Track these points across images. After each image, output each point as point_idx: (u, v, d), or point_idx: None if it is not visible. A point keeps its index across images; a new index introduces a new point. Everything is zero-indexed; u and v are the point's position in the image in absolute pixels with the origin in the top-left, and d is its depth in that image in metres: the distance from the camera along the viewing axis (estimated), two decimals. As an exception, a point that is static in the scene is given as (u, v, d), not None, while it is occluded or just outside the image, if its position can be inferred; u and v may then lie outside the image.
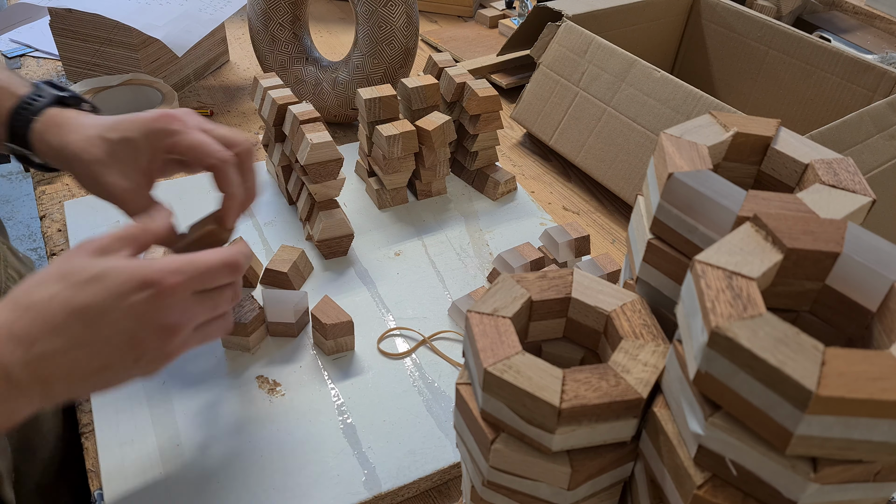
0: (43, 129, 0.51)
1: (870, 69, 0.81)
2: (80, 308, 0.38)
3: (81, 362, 0.38)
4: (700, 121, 0.39)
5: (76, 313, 0.38)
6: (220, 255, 0.43)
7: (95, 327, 0.38)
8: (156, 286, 0.39)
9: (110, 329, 0.39)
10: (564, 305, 0.37)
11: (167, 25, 0.85)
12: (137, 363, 0.40)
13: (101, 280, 0.39)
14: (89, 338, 0.38)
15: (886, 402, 0.24)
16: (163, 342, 0.41)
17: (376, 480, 0.50)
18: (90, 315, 0.38)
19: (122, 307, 0.39)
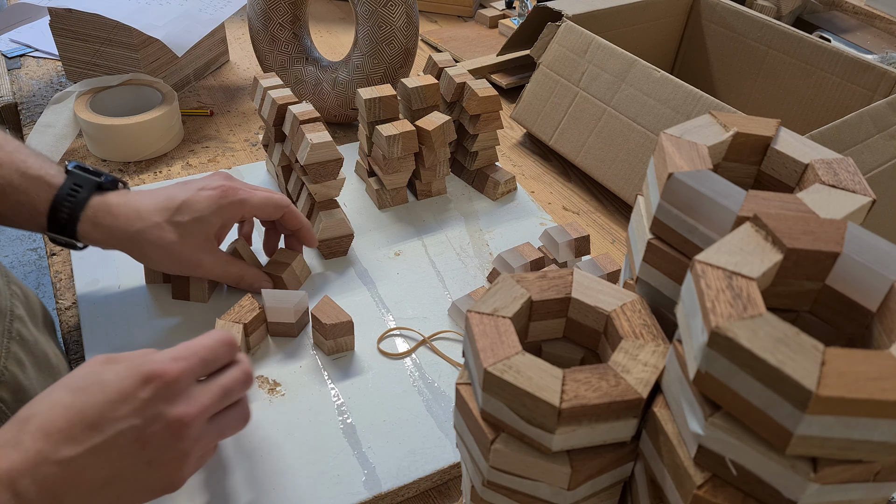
0: (93, 218, 0.54)
1: (870, 69, 0.81)
2: (82, 411, 0.37)
3: (89, 470, 0.37)
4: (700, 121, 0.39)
5: (79, 417, 0.37)
6: (215, 334, 0.43)
7: (99, 430, 0.37)
8: (158, 378, 0.39)
9: (115, 430, 0.37)
10: (564, 305, 0.37)
11: (167, 25, 0.85)
12: (151, 467, 0.39)
13: (102, 382, 0.38)
14: (95, 442, 0.37)
15: (886, 402, 0.24)
16: (174, 438, 0.39)
17: (376, 480, 0.50)
18: (92, 418, 0.37)
19: (126, 406, 0.38)
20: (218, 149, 0.86)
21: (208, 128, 0.90)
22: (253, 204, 0.59)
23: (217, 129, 0.90)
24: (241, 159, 0.84)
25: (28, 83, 0.96)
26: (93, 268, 0.65)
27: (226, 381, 0.43)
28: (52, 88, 0.95)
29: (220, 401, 0.42)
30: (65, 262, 0.68)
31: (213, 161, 0.84)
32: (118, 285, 0.63)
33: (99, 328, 0.59)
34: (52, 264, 0.68)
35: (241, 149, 0.86)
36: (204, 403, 0.41)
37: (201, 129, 0.89)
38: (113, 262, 0.66)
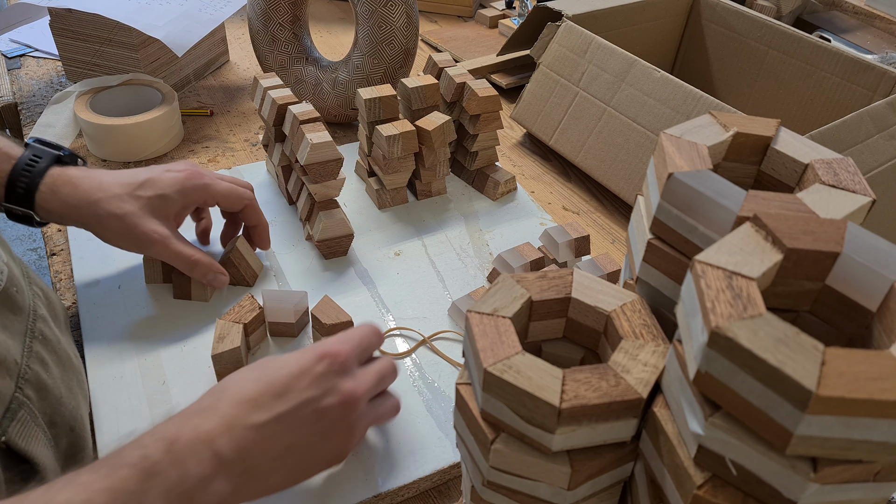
0: (52, 187, 0.55)
1: (870, 69, 0.81)
2: (269, 383, 0.42)
3: (275, 436, 0.41)
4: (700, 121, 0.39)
5: (266, 388, 0.42)
6: (366, 325, 0.49)
7: (285, 399, 0.42)
8: (332, 356, 0.44)
9: (298, 399, 0.42)
10: (564, 305, 0.37)
11: (167, 25, 0.85)
12: (324, 438, 0.43)
13: (284, 360, 0.44)
14: (281, 410, 0.42)
15: (886, 402, 0.24)
16: (345, 411, 0.44)
17: (376, 480, 0.50)
18: (278, 388, 0.42)
19: (306, 378, 0.43)
20: (218, 149, 0.86)
21: (208, 128, 0.90)
22: (217, 190, 0.59)
23: (217, 129, 0.90)
24: (241, 159, 0.84)
25: (28, 83, 0.96)
26: (93, 268, 0.65)
27: (380, 366, 0.48)
28: (52, 88, 0.95)
29: (378, 384, 0.47)
30: (65, 262, 0.68)
31: (213, 161, 0.84)
32: (118, 285, 0.63)
33: (99, 328, 0.59)
34: (52, 264, 0.68)
35: (241, 149, 0.86)
36: (368, 382, 0.46)
37: (201, 129, 0.89)
38: (113, 262, 0.66)
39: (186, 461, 0.38)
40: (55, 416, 0.46)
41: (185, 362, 0.57)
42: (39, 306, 0.51)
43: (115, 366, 0.56)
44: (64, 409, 0.48)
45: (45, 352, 0.48)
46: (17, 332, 0.46)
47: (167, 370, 0.56)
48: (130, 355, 0.57)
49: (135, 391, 0.55)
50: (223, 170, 0.80)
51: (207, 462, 0.38)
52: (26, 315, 0.48)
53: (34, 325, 0.48)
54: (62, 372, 0.50)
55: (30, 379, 0.45)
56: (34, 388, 0.45)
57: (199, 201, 0.59)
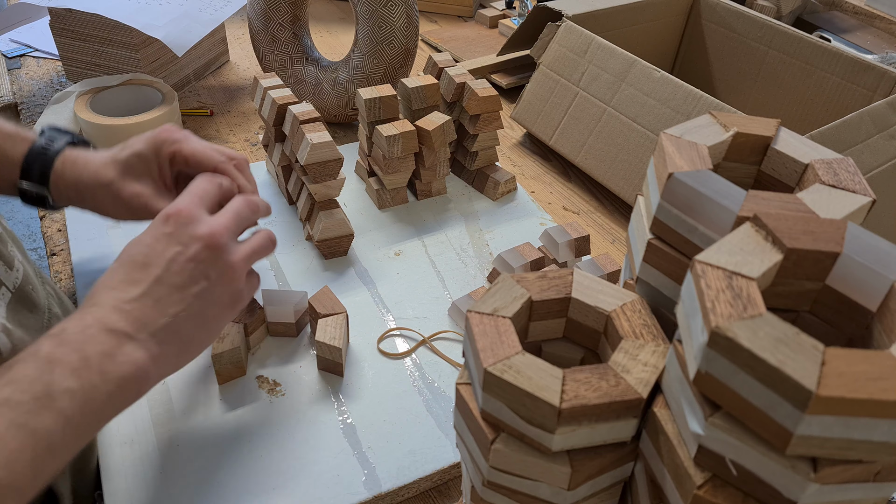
0: (62, 168, 0.56)
1: (870, 69, 0.81)
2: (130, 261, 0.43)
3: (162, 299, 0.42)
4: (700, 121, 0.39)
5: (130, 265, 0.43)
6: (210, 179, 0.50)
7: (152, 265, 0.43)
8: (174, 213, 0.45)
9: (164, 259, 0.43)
10: (564, 305, 0.37)
11: (167, 25, 0.85)
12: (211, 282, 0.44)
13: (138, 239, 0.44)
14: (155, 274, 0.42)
15: (886, 402, 0.24)
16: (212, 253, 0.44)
17: (376, 480, 0.50)
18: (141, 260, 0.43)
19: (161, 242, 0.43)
20: (218, 149, 0.86)
21: (208, 128, 0.90)
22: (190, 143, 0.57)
23: (217, 129, 0.90)
24: (241, 159, 0.84)
25: (28, 83, 0.96)
26: (93, 268, 0.65)
27: (234, 205, 0.48)
28: (52, 88, 0.95)
29: (236, 221, 0.47)
30: (65, 262, 0.68)
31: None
32: (118, 285, 0.63)
33: (99, 328, 0.59)
34: (52, 264, 0.68)
35: (241, 149, 0.86)
36: (222, 221, 0.46)
37: (201, 129, 0.89)
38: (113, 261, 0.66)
39: (83, 344, 0.38)
40: None
41: (185, 362, 0.57)
42: (53, 305, 0.51)
43: (115, 366, 0.56)
44: None
45: None
46: (33, 330, 0.46)
47: (167, 370, 0.56)
48: (130, 355, 0.57)
49: (135, 391, 0.55)
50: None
51: (105, 338, 0.39)
52: (42, 313, 0.48)
53: (50, 322, 0.49)
54: None
55: None
56: None
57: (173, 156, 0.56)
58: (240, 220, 0.48)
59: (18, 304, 0.46)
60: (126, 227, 0.70)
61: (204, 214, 0.46)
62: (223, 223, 0.46)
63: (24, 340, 0.44)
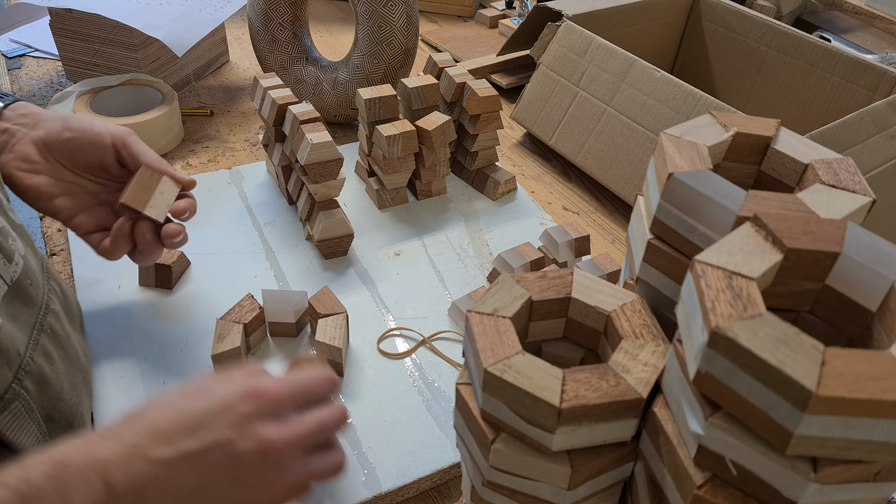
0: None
1: (870, 69, 0.81)
2: (183, 415, 0.38)
3: (179, 476, 0.37)
4: (700, 121, 0.39)
5: (179, 420, 0.37)
6: (320, 371, 0.43)
7: (196, 436, 0.37)
8: (261, 396, 0.39)
9: (210, 439, 0.37)
10: (564, 305, 0.37)
11: (167, 25, 0.85)
12: (237, 487, 0.38)
13: (211, 392, 0.39)
14: (190, 448, 0.37)
15: (886, 402, 0.24)
16: (264, 460, 0.38)
17: (376, 480, 0.50)
18: (192, 423, 0.37)
19: (225, 418, 0.38)
20: (218, 149, 0.86)
21: (208, 128, 0.90)
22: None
23: (217, 129, 0.90)
24: (241, 159, 0.84)
25: (28, 83, 0.96)
26: (93, 268, 0.65)
27: (322, 415, 0.41)
28: (52, 88, 0.95)
29: (315, 434, 0.41)
30: (65, 262, 0.68)
31: (214, 161, 0.84)
32: (118, 285, 0.63)
33: (99, 328, 0.59)
34: (52, 264, 0.68)
35: (241, 149, 0.86)
36: (298, 431, 0.40)
37: (201, 129, 0.89)
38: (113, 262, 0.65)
39: (72, 489, 0.34)
40: (53, 411, 0.47)
41: (185, 362, 0.57)
42: (54, 301, 0.51)
43: (115, 366, 0.56)
44: (64, 404, 0.48)
45: (53, 346, 0.48)
46: (25, 324, 0.46)
47: (167, 370, 0.56)
48: (130, 355, 0.57)
49: (135, 391, 0.55)
50: (223, 170, 0.80)
51: (96, 492, 0.34)
52: (38, 308, 0.48)
53: (44, 318, 0.48)
54: (67, 368, 0.50)
55: (31, 371, 0.45)
56: (34, 381, 0.45)
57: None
58: (321, 432, 0.41)
59: (14, 297, 0.45)
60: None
61: (290, 412, 0.40)
62: (297, 432, 0.39)
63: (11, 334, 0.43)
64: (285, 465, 0.39)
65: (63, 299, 0.54)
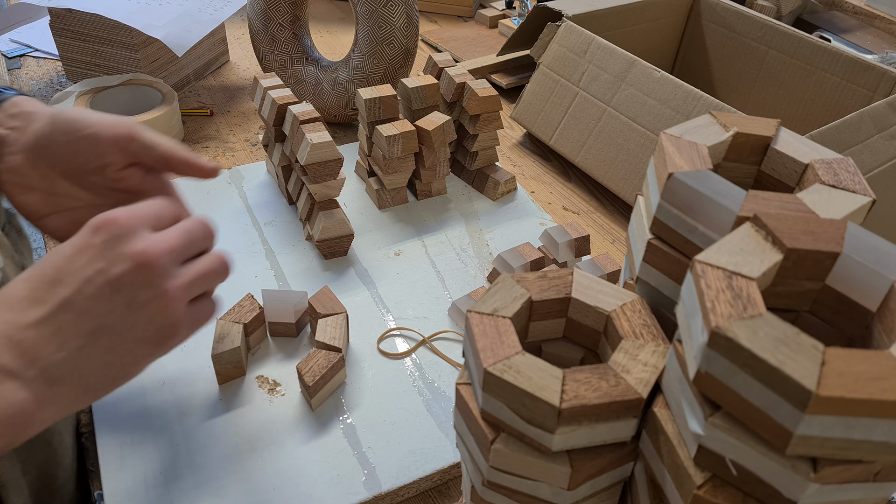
0: None
1: (870, 69, 0.81)
2: (40, 274, 0.36)
3: (68, 327, 0.34)
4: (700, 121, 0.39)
5: (38, 280, 0.35)
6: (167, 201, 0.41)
7: (63, 284, 0.35)
8: (108, 223, 0.36)
9: (79, 278, 0.35)
10: (564, 305, 0.37)
11: (167, 25, 0.85)
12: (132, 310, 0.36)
13: (59, 247, 0.37)
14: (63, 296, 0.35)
15: (886, 402, 0.24)
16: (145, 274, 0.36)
17: (376, 480, 0.50)
18: (52, 275, 0.35)
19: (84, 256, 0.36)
20: (218, 149, 0.86)
21: (208, 128, 0.90)
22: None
23: (217, 129, 0.90)
24: (241, 159, 0.84)
25: (28, 83, 0.96)
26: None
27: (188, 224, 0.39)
28: (52, 88, 0.95)
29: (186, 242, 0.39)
30: (65, 262, 0.67)
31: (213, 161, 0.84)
32: (118, 285, 0.63)
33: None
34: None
35: (241, 149, 0.86)
36: (165, 238, 0.37)
37: (201, 129, 0.89)
38: (113, 262, 0.66)
39: None
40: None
41: (185, 362, 0.57)
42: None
43: (115, 366, 0.56)
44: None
45: None
46: None
47: (167, 370, 0.56)
48: (130, 355, 0.57)
49: (135, 391, 0.54)
50: (223, 170, 0.80)
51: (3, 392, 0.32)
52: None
53: None
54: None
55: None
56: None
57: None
58: (190, 241, 0.39)
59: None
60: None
61: (144, 230, 0.38)
62: (165, 241, 0.37)
63: None
64: (168, 272, 0.37)
65: None
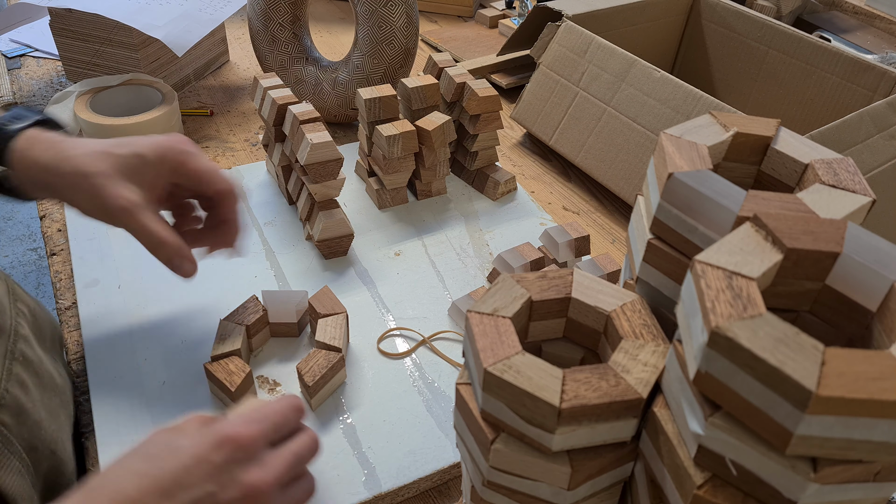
0: (26, 147, 0.50)
1: (870, 69, 0.81)
2: (156, 478, 0.35)
3: None
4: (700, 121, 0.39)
5: (152, 485, 0.35)
6: (286, 399, 0.42)
7: (173, 498, 0.35)
8: (232, 441, 0.37)
9: (189, 497, 0.35)
10: (564, 305, 0.37)
11: (167, 25, 0.85)
12: None
13: (176, 448, 0.37)
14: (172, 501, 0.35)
15: (886, 402, 0.24)
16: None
17: (376, 480, 0.50)
18: (167, 485, 0.35)
19: (201, 471, 0.36)
20: (218, 149, 0.86)
21: (208, 128, 0.90)
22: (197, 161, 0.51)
23: (217, 129, 0.90)
24: (241, 159, 0.84)
25: (28, 83, 0.96)
26: (93, 268, 0.65)
27: (297, 447, 0.41)
28: (52, 88, 0.95)
29: (292, 468, 0.40)
30: (65, 262, 0.68)
31: (213, 161, 0.84)
32: (118, 285, 0.63)
33: (99, 328, 0.59)
34: (52, 264, 0.68)
35: (241, 149, 0.86)
36: (278, 469, 0.39)
37: (201, 129, 0.89)
38: (113, 262, 0.66)
39: None
40: (35, 441, 0.45)
41: (185, 362, 0.57)
42: (22, 326, 0.49)
43: (115, 366, 0.56)
44: (44, 433, 0.46)
45: (26, 374, 0.47)
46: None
47: (167, 370, 0.56)
48: (130, 356, 0.57)
49: (135, 391, 0.55)
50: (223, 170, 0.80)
51: None
52: (7, 336, 0.46)
53: (14, 346, 0.47)
54: (42, 394, 0.48)
55: (7, 404, 0.43)
56: (12, 414, 0.43)
57: (176, 168, 0.51)
58: (298, 465, 0.41)
59: None
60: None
61: (263, 453, 0.39)
62: (276, 471, 0.38)
63: None
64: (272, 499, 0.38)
65: (32, 321, 0.51)
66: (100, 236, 0.68)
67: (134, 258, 0.66)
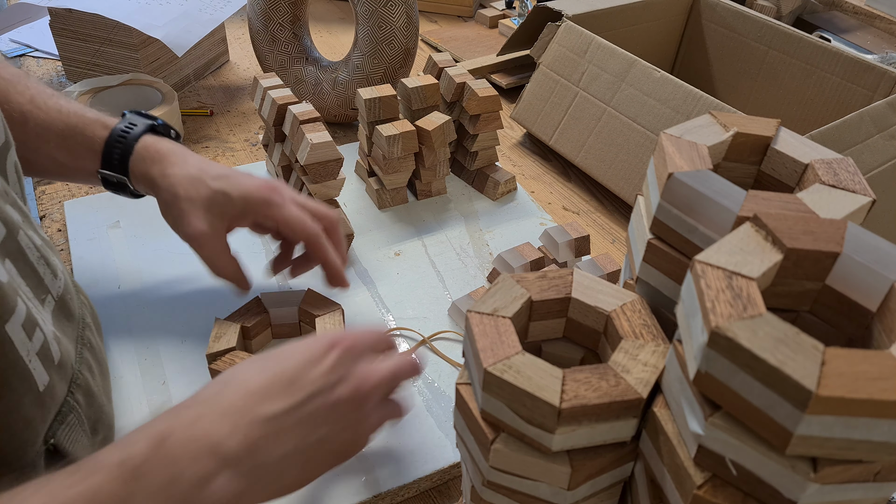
0: (142, 157, 0.55)
1: (870, 69, 0.81)
2: (277, 373, 0.40)
3: (287, 430, 0.38)
4: (700, 121, 0.39)
5: (277, 377, 0.39)
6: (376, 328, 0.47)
7: (297, 389, 0.39)
8: (341, 343, 0.42)
9: (310, 390, 0.39)
10: (564, 305, 0.37)
11: (167, 25, 0.85)
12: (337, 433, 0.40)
13: (292, 349, 0.42)
14: (294, 401, 0.39)
15: (886, 402, 0.24)
16: (358, 402, 0.41)
17: (376, 480, 0.50)
18: (289, 377, 0.40)
19: (317, 368, 0.40)
20: (218, 149, 0.86)
21: (208, 128, 0.90)
22: (281, 213, 0.54)
23: (217, 129, 0.90)
24: (241, 159, 0.84)
25: (28, 83, 0.96)
26: (93, 268, 0.65)
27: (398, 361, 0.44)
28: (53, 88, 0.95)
29: (393, 379, 0.44)
30: (65, 262, 0.68)
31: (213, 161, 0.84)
32: (118, 285, 0.63)
33: (99, 328, 0.59)
34: (53, 264, 0.68)
35: (241, 149, 0.86)
36: (382, 373, 0.43)
37: (201, 129, 0.89)
38: (113, 262, 0.66)
39: (180, 460, 0.34)
40: (97, 424, 0.47)
41: (185, 362, 0.57)
42: (86, 315, 0.51)
43: (115, 366, 0.56)
44: (105, 416, 0.48)
45: (92, 359, 0.49)
46: (71, 338, 0.46)
47: (167, 370, 0.56)
48: (130, 355, 0.57)
49: (135, 391, 0.55)
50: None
51: (206, 459, 0.35)
52: (77, 322, 0.48)
53: (83, 332, 0.49)
54: (103, 380, 0.50)
55: (80, 384, 0.45)
56: (83, 394, 0.45)
57: (259, 216, 0.55)
58: (397, 379, 0.44)
59: (60, 312, 0.45)
60: (127, 228, 0.70)
61: (369, 357, 0.43)
62: (379, 378, 0.42)
63: (67, 348, 0.44)
64: (373, 406, 0.42)
65: (92, 312, 0.54)
66: (100, 236, 0.68)
67: (134, 258, 0.66)
